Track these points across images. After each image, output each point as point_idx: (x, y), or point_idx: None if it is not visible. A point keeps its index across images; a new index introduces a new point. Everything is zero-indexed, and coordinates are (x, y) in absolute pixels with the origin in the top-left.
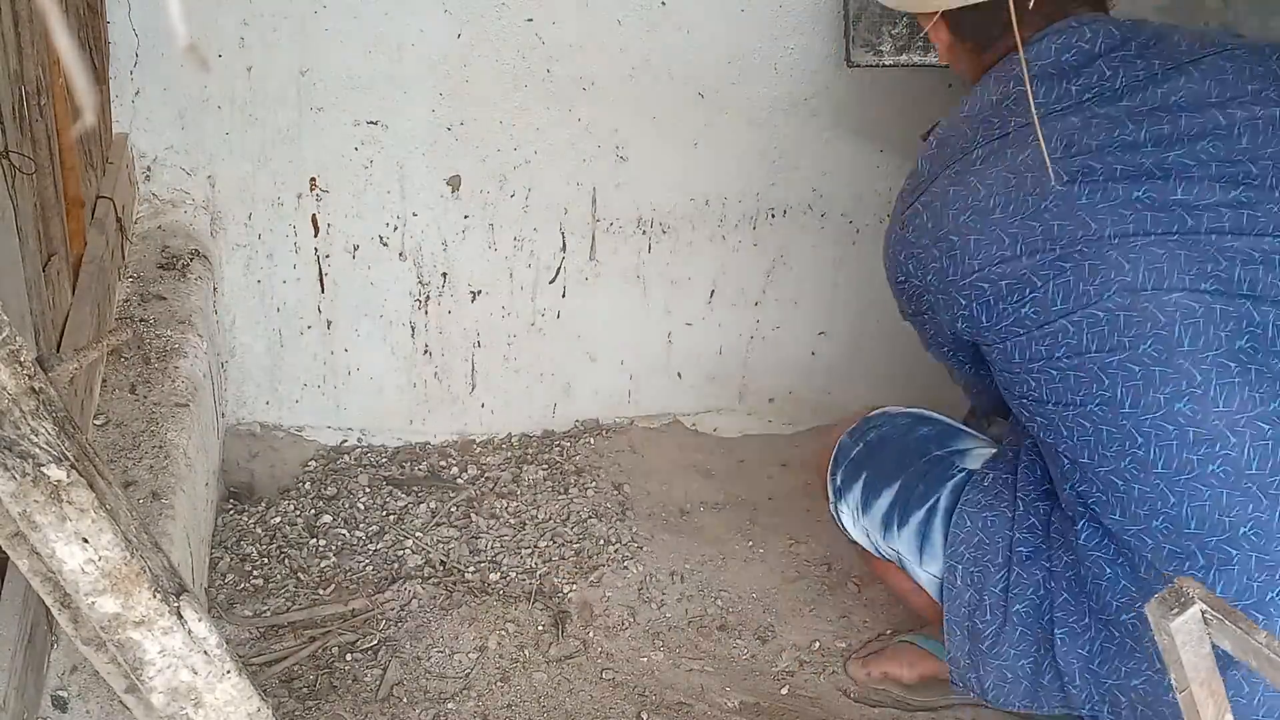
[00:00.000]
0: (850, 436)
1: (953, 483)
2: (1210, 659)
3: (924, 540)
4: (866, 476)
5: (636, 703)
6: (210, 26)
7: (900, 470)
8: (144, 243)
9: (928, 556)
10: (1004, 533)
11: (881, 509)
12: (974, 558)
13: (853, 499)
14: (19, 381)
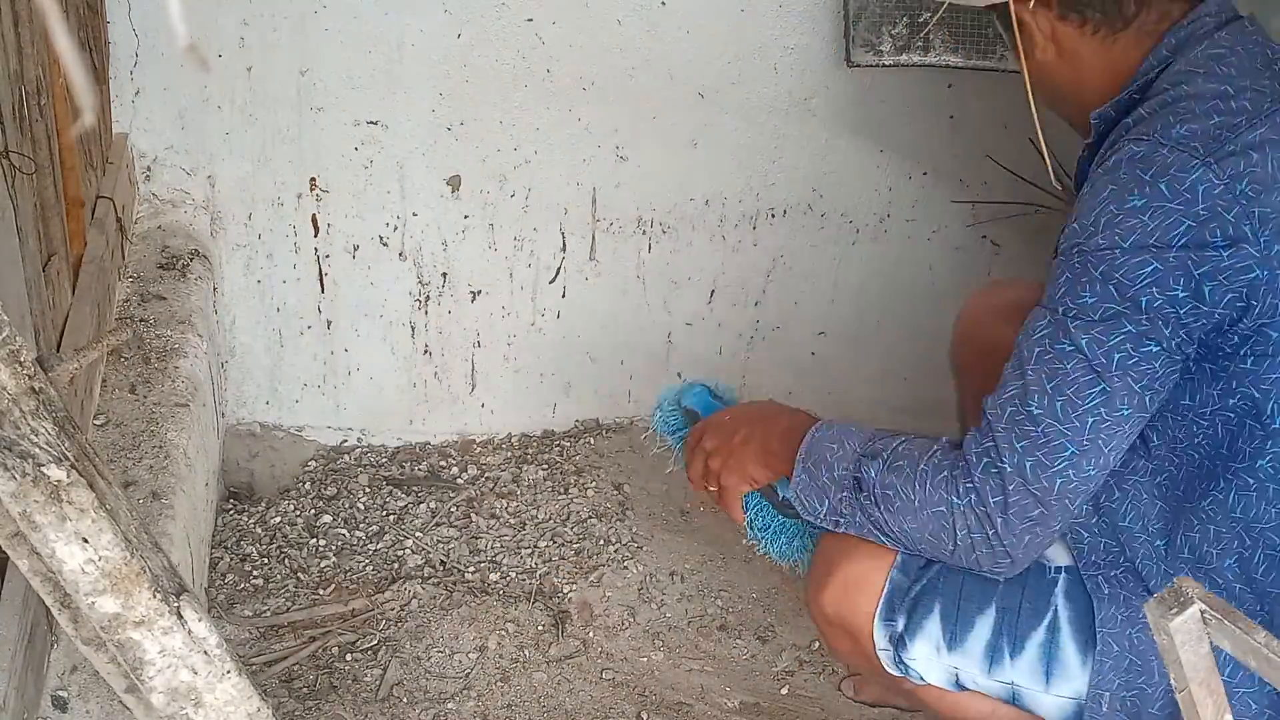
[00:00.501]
0: (902, 573)
1: (1060, 588)
2: (1210, 659)
3: (1051, 662)
4: (942, 609)
5: (636, 703)
6: (210, 26)
7: (989, 592)
8: (144, 243)
9: (1058, 678)
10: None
11: (982, 641)
12: (1126, 683)
13: (929, 639)
14: (19, 381)
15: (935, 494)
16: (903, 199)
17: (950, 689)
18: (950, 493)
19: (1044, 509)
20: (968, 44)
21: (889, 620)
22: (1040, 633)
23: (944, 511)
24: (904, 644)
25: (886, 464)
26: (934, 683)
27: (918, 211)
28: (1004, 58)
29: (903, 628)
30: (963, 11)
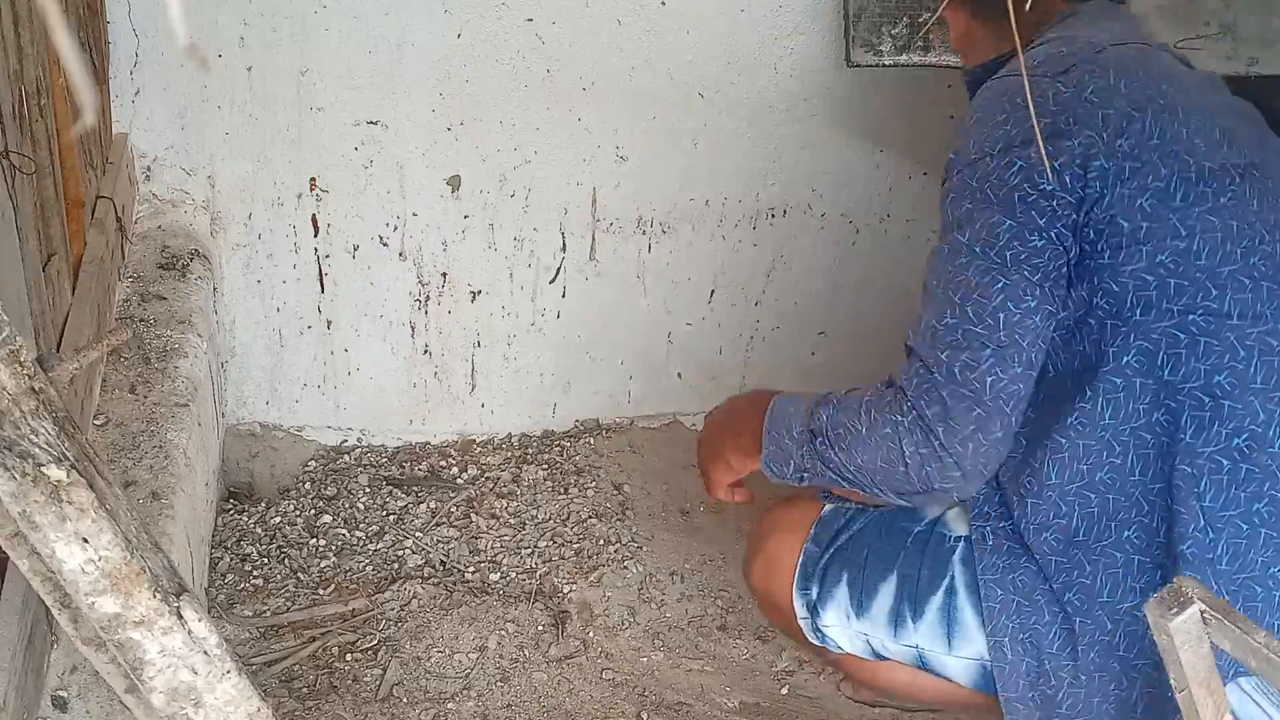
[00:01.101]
0: (815, 544)
1: (958, 555)
2: (1209, 659)
3: (951, 624)
4: (849, 577)
5: (636, 703)
6: (210, 26)
7: (891, 560)
8: (144, 243)
9: (959, 640)
10: (1039, 585)
11: (885, 607)
12: (1020, 624)
13: (839, 606)
14: (19, 381)
15: (880, 419)
16: (903, 199)
17: (868, 657)
18: (893, 413)
19: (982, 410)
20: None
21: (804, 590)
22: (939, 597)
23: (889, 434)
24: (817, 612)
25: (837, 406)
26: (851, 651)
27: (918, 211)
28: None
29: (815, 596)
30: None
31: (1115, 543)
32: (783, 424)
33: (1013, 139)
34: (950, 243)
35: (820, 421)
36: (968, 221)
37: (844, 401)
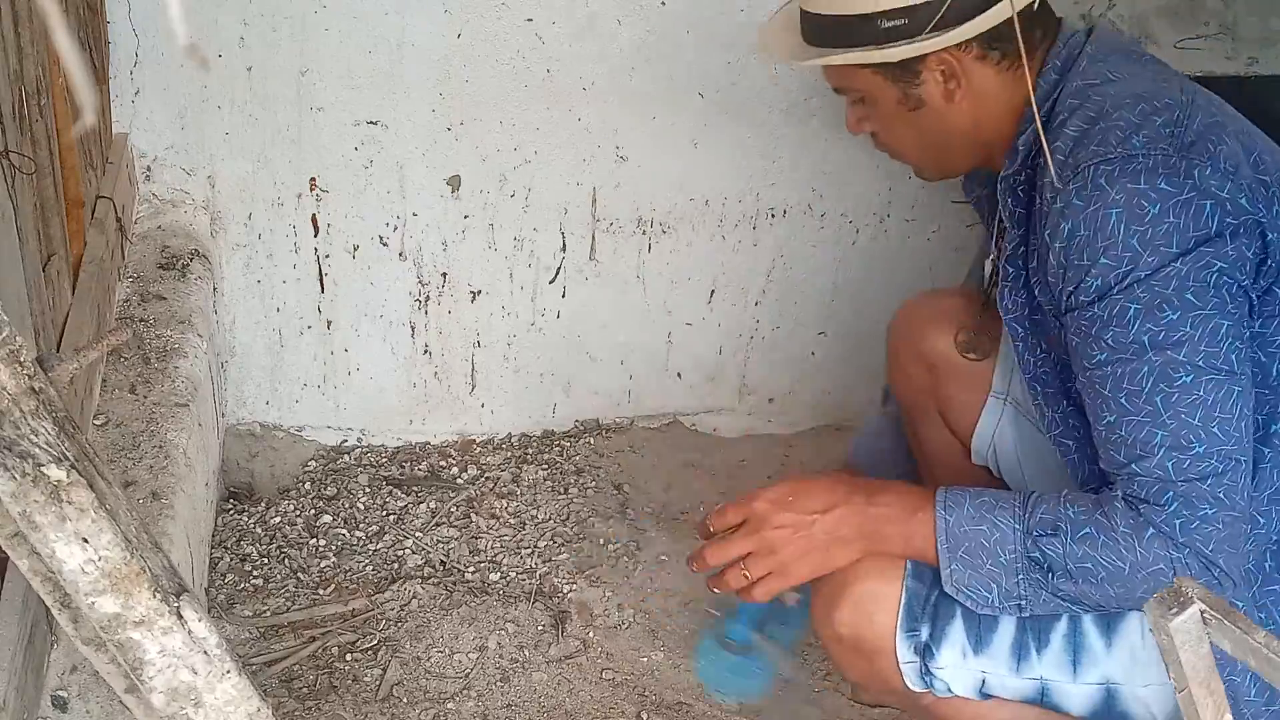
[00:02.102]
0: (917, 580)
1: None
2: (1210, 659)
3: (1078, 650)
4: (964, 612)
5: (636, 703)
6: (210, 26)
7: None
8: (144, 243)
9: (1085, 666)
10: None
11: (1007, 640)
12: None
13: (954, 644)
14: (19, 381)
15: (1147, 555)
16: (903, 199)
17: (975, 698)
18: (1164, 549)
19: (1245, 521)
20: None
21: (912, 631)
22: (1063, 623)
23: (1162, 569)
24: (930, 653)
25: (1071, 537)
26: (959, 693)
27: (918, 211)
28: None
29: (927, 636)
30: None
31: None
32: (979, 547)
33: (1189, 234)
34: (1161, 358)
35: (1056, 555)
36: (1177, 335)
37: (1075, 530)
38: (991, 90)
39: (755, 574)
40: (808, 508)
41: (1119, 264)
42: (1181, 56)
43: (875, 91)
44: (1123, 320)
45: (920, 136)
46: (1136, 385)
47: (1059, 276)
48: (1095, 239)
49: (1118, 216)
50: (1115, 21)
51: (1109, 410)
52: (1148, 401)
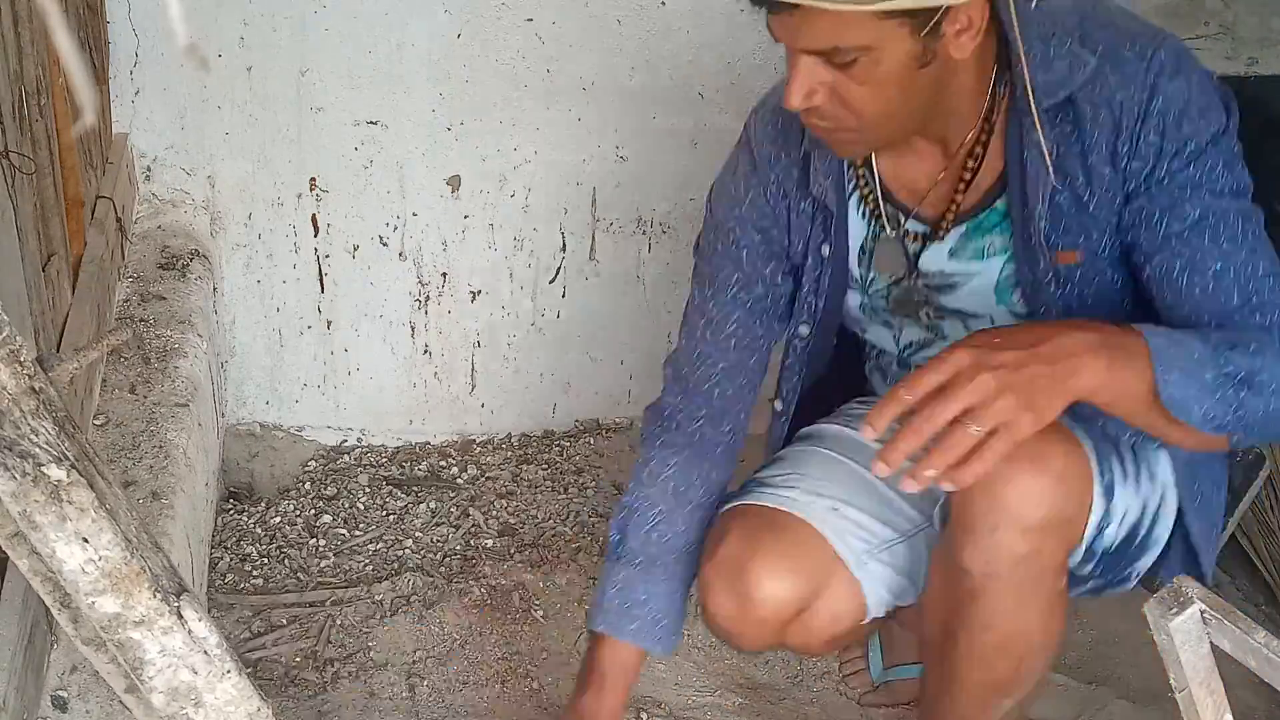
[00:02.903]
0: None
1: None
2: (1210, 659)
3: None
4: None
5: (636, 703)
6: (210, 26)
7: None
8: (144, 243)
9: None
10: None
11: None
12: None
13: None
14: (19, 381)
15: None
16: None
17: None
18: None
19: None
20: None
21: (1102, 473)
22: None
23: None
24: (1113, 492)
25: (1248, 351)
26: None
27: None
28: None
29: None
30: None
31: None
32: (1185, 368)
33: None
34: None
35: (1241, 367)
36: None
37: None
38: (982, 46)
39: (986, 426)
40: (1022, 341)
41: (1210, 124)
42: None
43: (889, 46)
44: (1213, 175)
45: (908, 99)
46: (1231, 229)
47: (1151, 155)
48: (1189, 106)
49: (1198, 81)
50: None
51: (1213, 260)
52: (1246, 241)
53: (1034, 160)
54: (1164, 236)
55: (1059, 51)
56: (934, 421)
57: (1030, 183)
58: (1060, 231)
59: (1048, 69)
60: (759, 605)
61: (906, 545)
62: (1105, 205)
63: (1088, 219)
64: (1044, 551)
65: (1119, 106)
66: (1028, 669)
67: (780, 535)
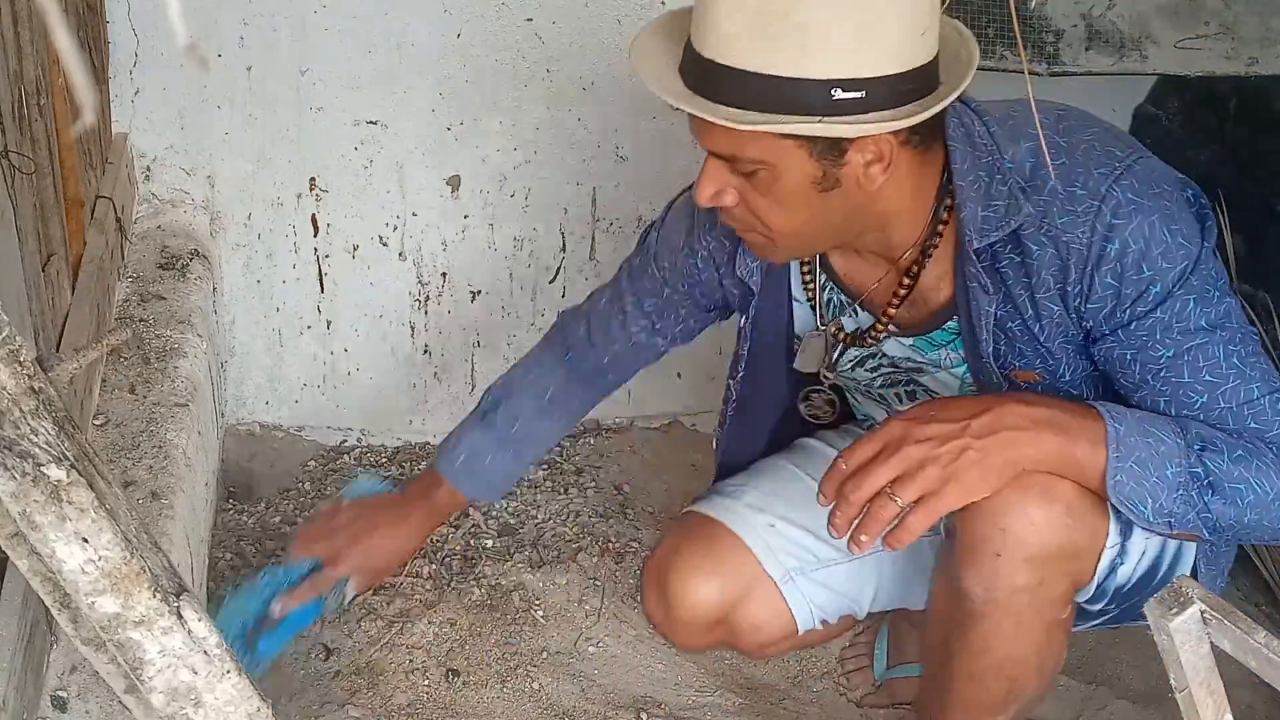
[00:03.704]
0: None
1: None
2: (1210, 659)
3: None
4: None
5: (636, 703)
6: (210, 26)
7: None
8: (144, 243)
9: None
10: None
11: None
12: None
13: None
14: (19, 381)
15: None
16: None
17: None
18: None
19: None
20: None
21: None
22: None
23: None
24: (1130, 529)
25: (1227, 456)
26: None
27: None
28: (1004, 57)
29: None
30: (963, 10)
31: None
32: (1147, 458)
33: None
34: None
35: (1214, 468)
36: (1223, 308)
37: (1231, 451)
38: (910, 174)
39: (908, 498)
40: (954, 416)
41: (1175, 264)
42: (1182, 56)
43: (787, 165)
44: (1183, 314)
45: (812, 218)
46: (1212, 360)
47: (1109, 299)
48: (1149, 248)
49: (1159, 220)
50: (1115, 21)
51: (1196, 394)
52: (1230, 368)
53: (975, 291)
54: (1140, 378)
55: (999, 190)
56: (862, 492)
57: (974, 309)
58: (1015, 354)
59: (988, 204)
60: (676, 607)
61: (850, 567)
62: (1059, 337)
63: (1041, 347)
64: (1048, 583)
65: (1066, 248)
66: (1021, 690)
67: (708, 545)
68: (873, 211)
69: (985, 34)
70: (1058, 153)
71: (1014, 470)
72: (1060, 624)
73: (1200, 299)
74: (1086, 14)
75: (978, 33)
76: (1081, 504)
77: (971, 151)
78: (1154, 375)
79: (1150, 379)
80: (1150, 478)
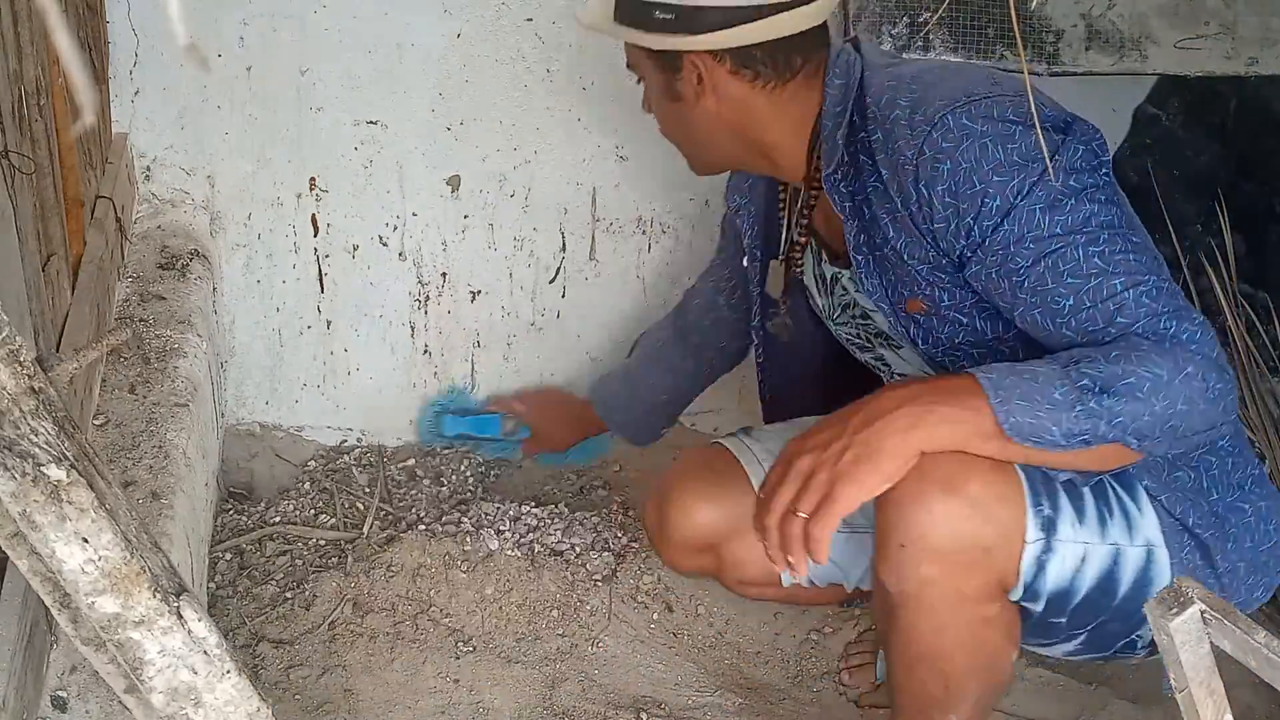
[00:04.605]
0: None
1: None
2: (1210, 659)
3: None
4: (1064, 485)
5: (636, 703)
6: (210, 26)
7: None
8: (144, 243)
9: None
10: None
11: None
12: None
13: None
14: (19, 381)
15: (1177, 360)
16: None
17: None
18: (1188, 356)
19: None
20: (967, 44)
21: (1038, 507)
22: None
23: (1191, 373)
24: (1053, 526)
25: (1105, 359)
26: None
27: None
28: (1004, 57)
29: (1049, 508)
30: (963, 10)
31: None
32: (1029, 392)
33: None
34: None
35: (1096, 373)
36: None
37: (1108, 354)
38: (756, 104)
39: (806, 509)
40: (834, 420)
41: (1010, 177)
42: (1182, 56)
43: (648, 75)
44: (1032, 224)
45: (679, 127)
46: (1072, 262)
47: (950, 218)
48: (980, 165)
49: (991, 141)
50: (1115, 21)
51: (1061, 298)
52: (1092, 267)
53: (844, 218)
54: (1012, 295)
55: (854, 120)
56: (771, 517)
57: (845, 235)
58: (898, 283)
59: (836, 133)
60: (671, 524)
61: (847, 537)
62: (925, 263)
63: (914, 273)
64: (957, 576)
65: (900, 168)
66: (959, 689)
67: (715, 476)
68: (745, 138)
69: (985, 34)
70: (917, 87)
71: (907, 455)
72: (987, 621)
73: (1050, 207)
74: (1086, 14)
75: (977, 33)
76: (988, 496)
77: (843, 92)
78: (1021, 288)
79: (1019, 293)
80: (1041, 407)
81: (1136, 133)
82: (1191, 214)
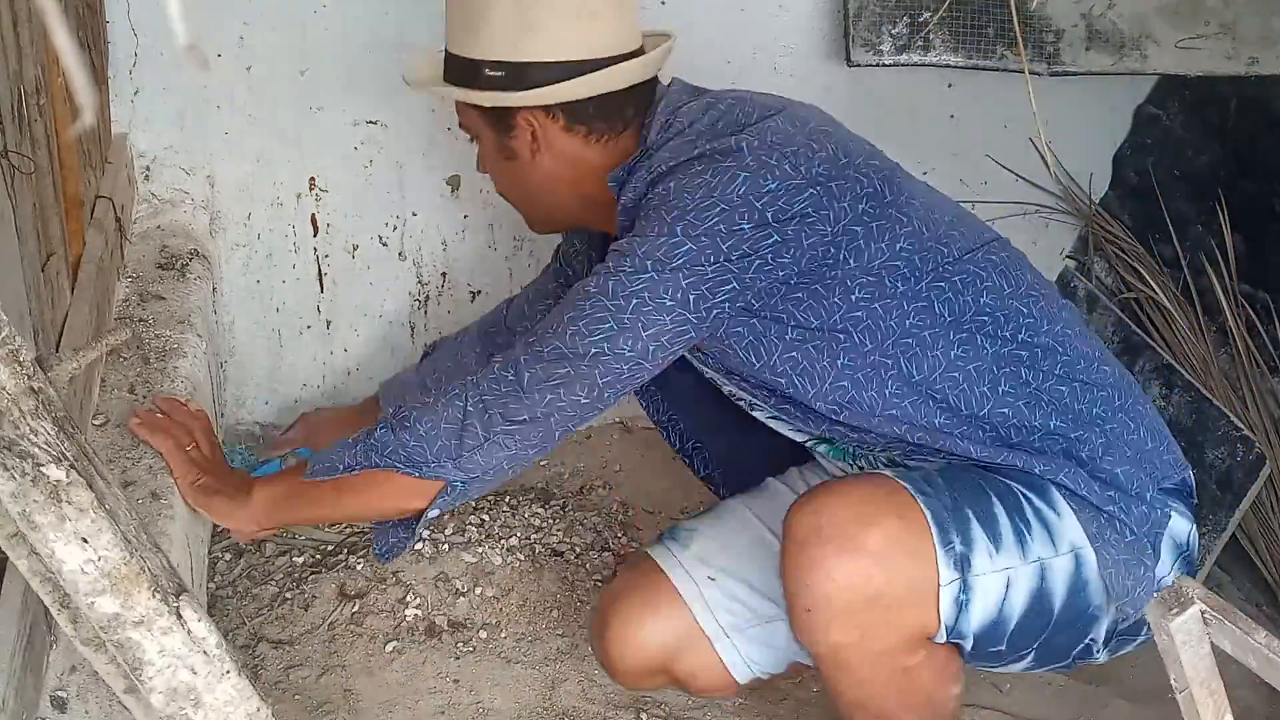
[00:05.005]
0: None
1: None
2: (1210, 659)
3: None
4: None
5: (636, 703)
6: (210, 26)
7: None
8: (143, 243)
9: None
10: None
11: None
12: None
13: (980, 549)
14: (18, 381)
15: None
16: None
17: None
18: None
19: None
20: (968, 44)
21: (948, 544)
22: (1027, 504)
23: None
24: (967, 563)
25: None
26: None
27: None
28: (1004, 57)
29: (960, 544)
30: (963, 10)
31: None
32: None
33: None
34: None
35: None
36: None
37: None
38: (589, 158)
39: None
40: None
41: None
42: (1182, 56)
43: (481, 134)
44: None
45: (515, 186)
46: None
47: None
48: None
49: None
50: (1115, 21)
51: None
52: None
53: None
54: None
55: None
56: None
57: None
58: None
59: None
60: (616, 659)
61: (774, 629)
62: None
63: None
64: (871, 635)
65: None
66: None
67: (647, 595)
68: (579, 192)
69: (985, 34)
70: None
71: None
72: (912, 670)
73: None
74: (1086, 14)
75: (977, 33)
76: (890, 548)
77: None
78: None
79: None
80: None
81: (1136, 133)
82: (1191, 214)
